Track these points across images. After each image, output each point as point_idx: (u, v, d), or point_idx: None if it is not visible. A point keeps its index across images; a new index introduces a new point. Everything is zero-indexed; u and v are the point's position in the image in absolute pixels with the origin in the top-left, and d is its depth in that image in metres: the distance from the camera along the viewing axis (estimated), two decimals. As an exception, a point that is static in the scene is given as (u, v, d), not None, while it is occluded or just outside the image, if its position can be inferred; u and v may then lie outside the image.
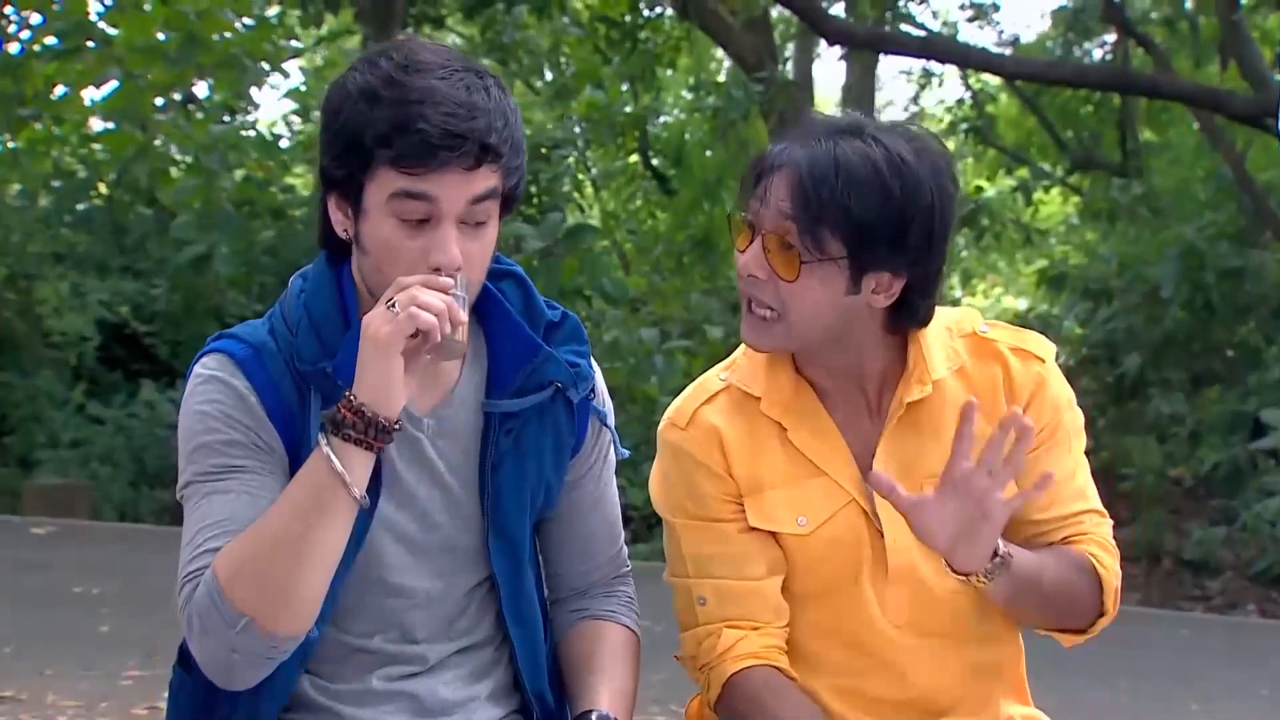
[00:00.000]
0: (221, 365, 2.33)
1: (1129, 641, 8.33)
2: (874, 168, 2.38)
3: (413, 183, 2.21)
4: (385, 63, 2.25)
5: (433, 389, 2.40)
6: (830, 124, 2.46)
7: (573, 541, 2.56)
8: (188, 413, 2.33)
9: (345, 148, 2.24)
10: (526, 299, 2.46)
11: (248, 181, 14.07)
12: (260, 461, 2.29)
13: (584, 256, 11.42)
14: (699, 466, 2.55)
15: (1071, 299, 15.44)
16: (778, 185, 2.41)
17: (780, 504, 2.52)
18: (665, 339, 12.28)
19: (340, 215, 2.31)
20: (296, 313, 2.35)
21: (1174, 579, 11.64)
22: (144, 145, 13.65)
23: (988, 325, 2.61)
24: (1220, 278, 13.53)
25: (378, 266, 2.27)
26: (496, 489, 2.41)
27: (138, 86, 13.25)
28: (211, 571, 2.18)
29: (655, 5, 16.64)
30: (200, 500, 2.28)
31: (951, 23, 20.86)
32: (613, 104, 14.82)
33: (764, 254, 2.42)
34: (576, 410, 2.47)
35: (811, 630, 2.57)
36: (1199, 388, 13.91)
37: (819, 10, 13.01)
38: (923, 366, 2.51)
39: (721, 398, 2.59)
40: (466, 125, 2.20)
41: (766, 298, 2.44)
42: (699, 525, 2.56)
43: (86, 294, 13.49)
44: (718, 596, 2.54)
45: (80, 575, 8.33)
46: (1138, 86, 14.28)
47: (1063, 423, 2.57)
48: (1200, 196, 16.09)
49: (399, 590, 2.39)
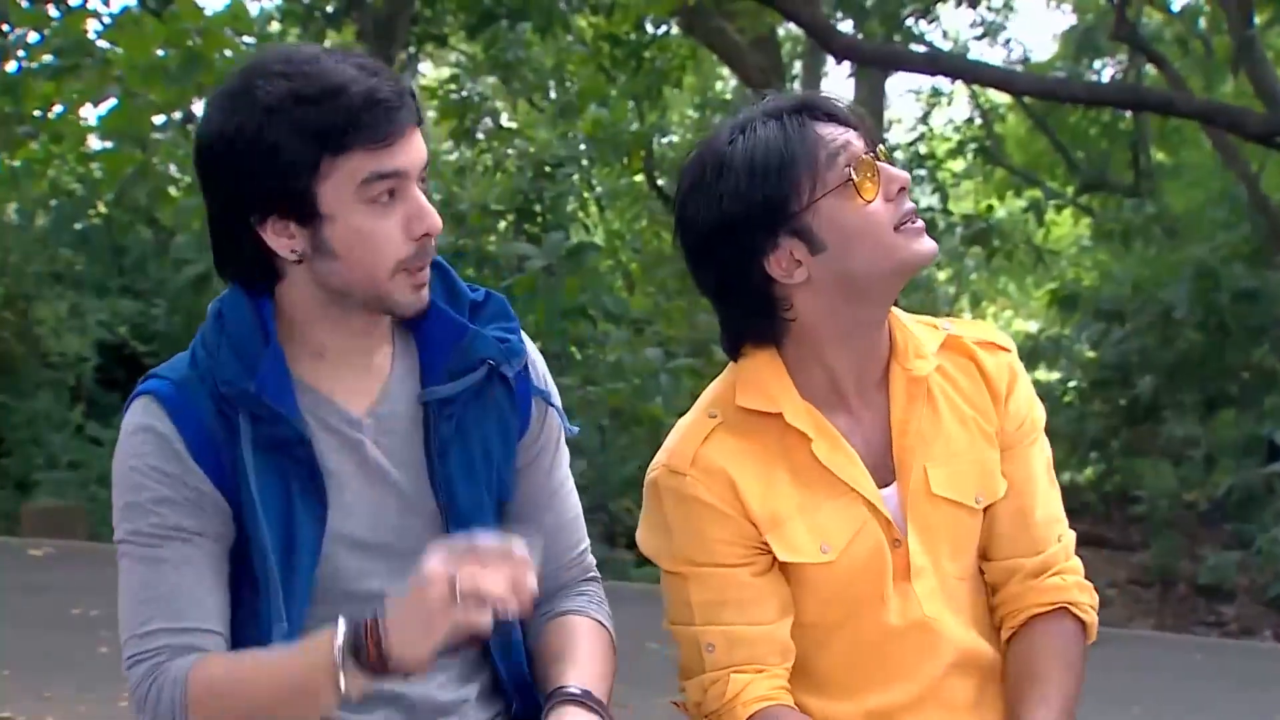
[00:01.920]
0: (146, 410, 2.34)
1: (1143, 666, 8.33)
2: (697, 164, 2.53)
3: (381, 160, 2.23)
4: (282, 67, 2.25)
5: (366, 388, 2.41)
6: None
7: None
8: (119, 468, 2.36)
9: (288, 161, 2.22)
10: (447, 284, 2.45)
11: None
12: (191, 519, 2.32)
13: (586, 275, 11.43)
14: (708, 511, 2.50)
15: (1084, 320, 15.44)
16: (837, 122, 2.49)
17: (802, 534, 2.50)
18: (670, 359, 12.27)
19: (282, 238, 2.28)
20: (214, 337, 2.35)
21: (1188, 604, 11.64)
22: (144, 164, 13.68)
23: (950, 323, 2.64)
24: (1234, 299, 13.53)
25: (355, 262, 2.28)
26: (447, 478, 2.41)
27: (137, 105, 13.27)
28: (183, 689, 2.26)
29: (661, 24, 16.68)
30: (137, 564, 2.33)
31: (961, 42, 20.95)
32: (618, 122, 14.84)
33: (890, 162, 2.48)
34: (516, 390, 2.46)
35: (833, 659, 2.57)
36: (1213, 410, 13.91)
37: (828, 26, 13.05)
38: (916, 341, 2.54)
39: (720, 433, 2.53)
40: (398, 85, 2.26)
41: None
42: (708, 573, 2.51)
43: (85, 314, 13.51)
44: (727, 642, 2.51)
45: (79, 597, 8.32)
46: (1151, 104, 14.29)
47: (1036, 418, 2.62)
48: (1214, 217, 16.10)
49: (366, 597, 2.36)
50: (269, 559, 2.32)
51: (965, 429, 2.56)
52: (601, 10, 15.08)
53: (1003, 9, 20.12)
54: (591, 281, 11.54)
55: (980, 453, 2.56)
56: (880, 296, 2.49)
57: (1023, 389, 2.61)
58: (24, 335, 13.74)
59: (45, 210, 14.63)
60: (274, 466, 2.32)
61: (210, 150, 2.28)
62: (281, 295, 2.35)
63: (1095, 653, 2.65)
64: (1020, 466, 2.59)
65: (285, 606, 2.32)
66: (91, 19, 13.89)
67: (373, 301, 2.33)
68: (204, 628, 2.32)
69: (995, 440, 2.57)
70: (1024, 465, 2.59)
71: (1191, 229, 16.09)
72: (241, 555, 2.37)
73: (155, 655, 2.30)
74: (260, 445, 2.31)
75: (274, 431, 2.31)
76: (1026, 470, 2.59)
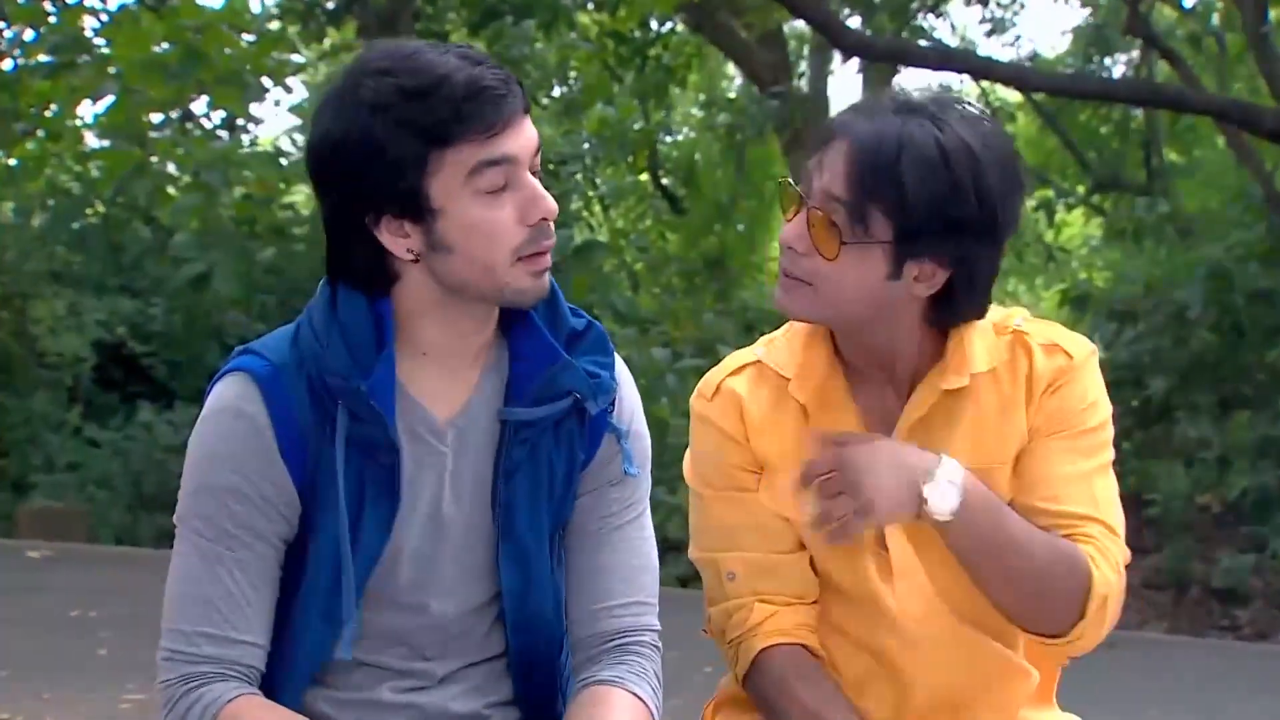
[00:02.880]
0: (242, 392, 2.30)
1: (1157, 670, 8.32)
2: (940, 151, 2.34)
3: (490, 148, 2.20)
4: (386, 63, 2.23)
5: (455, 395, 2.38)
6: (902, 100, 2.43)
7: (585, 575, 2.48)
8: (199, 442, 2.33)
9: (395, 160, 2.20)
10: (552, 305, 2.42)
11: (248, 199, 14.10)
12: (260, 519, 2.31)
13: (594, 275, 11.45)
14: (723, 436, 2.57)
15: (1096, 320, 15.41)
16: (833, 157, 2.39)
17: (787, 489, 2.50)
18: (677, 359, 12.28)
19: (398, 237, 2.25)
20: (325, 324, 2.30)
21: (1202, 608, 11.62)
22: (142, 162, 13.68)
23: (1024, 320, 2.58)
24: (1249, 299, 13.50)
25: (472, 255, 2.24)
26: (509, 500, 2.38)
27: (135, 102, 13.28)
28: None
29: (666, 21, 16.68)
30: (194, 554, 2.32)
31: (969, 40, 20.94)
32: (624, 120, 14.84)
33: (807, 228, 2.41)
34: (591, 423, 2.43)
35: (824, 628, 2.58)
36: (1227, 412, 13.86)
37: (837, 22, 13.04)
38: (961, 358, 2.49)
39: (750, 371, 2.60)
40: (504, 72, 2.23)
41: (800, 271, 2.42)
42: (727, 496, 2.57)
43: (83, 313, 13.52)
44: (747, 570, 2.55)
45: (78, 599, 8.34)
46: (1165, 100, 14.27)
47: (1080, 422, 2.52)
48: (1228, 216, 16.07)
49: (411, 609, 2.38)
50: (346, 560, 2.31)
51: (978, 442, 2.49)
52: (606, 7, 15.08)
53: (1011, 4, 20.11)
54: (600, 281, 11.56)
55: (990, 463, 2.48)
56: None
57: (1073, 391, 2.52)
58: (21, 335, 13.75)
59: (42, 208, 14.63)
60: (354, 465, 2.30)
61: (320, 154, 2.25)
62: (397, 297, 2.32)
63: (1108, 656, 2.61)
64: (1038, 460, 2.50)
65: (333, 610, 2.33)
66: (89, 15, 13.90)
67: (492, 294, 2.29)
68: (247, 640, 2.31)
69: (1014, 446, 2.51)
70: (1043, 458, 2.50)
71: (1205, 228, 16.06)
72: (294, 553, 2.36)
73: (193, 661, 2.30)
74: (349, 441, 2.29)
75: (368, 432, 2.29)
76: (1045, 463, 2.49)
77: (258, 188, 14.13)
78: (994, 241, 2.41)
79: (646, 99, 16.76)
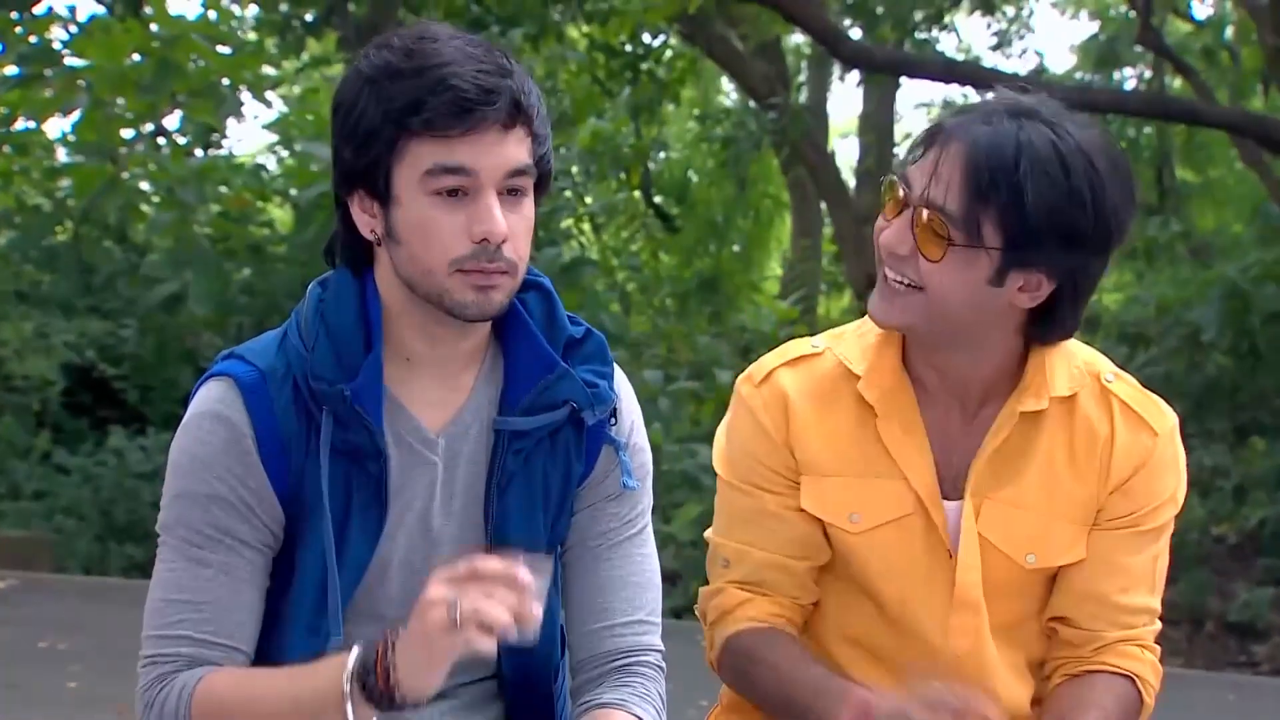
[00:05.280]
0: (223, 396, 2.32)
1: (1172, 707, 8.26)
2: (1060, 159, 2.33)
3: (448, 152, 2.21)
4: (397, 41, 2.26)
5: (446, 403, 2.38)
6: (1013, 104, 2.41)
7: (584, 593, 2.48)
8: (180, 452, 2.34)
9: (367, 133, 2.24)
10: (549, 313, 2.44)
11: (224, 216, 14.07)
12: (244, 524, 2.31)
13: (582, 293, 11.44)
14: (758, 429, 2.57)
15: (1106, 343, 15.41)
16: (949, 161, 2.36)
17: (836, 493, 2.51)
18: (671, 382, 12.25)
19: (366, 215, 2.30)
20: (314, 326, 2.33)
21: (1218, 643, 11.60)
22: (113, 178, 13.66)
23: (1113, 375, 2.58)
24: (1266, 321, 13.50)
25: (414, 253, 2.26)
26: (501, 513, 2.38)
27: (106, 115, 13.26)
28: (188, 703, 2.25)
29: (659, 34, 16.69)
30: (177, 560, 2.31)
31: (973, 56, 20.97)
32: (617, 135, 14.85)
33: (911, 229, 2.39)
34: (588, 434, 2.43)
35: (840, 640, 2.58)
36: (1244, 439, 13.87)
37: (837, 31, 13.04)
38: (1041, 380, 2.49)
39: (808, 365, 2.58)
40: (497, 81, 2.22)
41: (909, 275, 2.41)
42: (740, 487, 2.58)
43: (51, 335, 13.45)
44: (740, 560, 2.57)
45: (45, 631, 8.30)
46: (1178, 113, 14.27)
47: (1160, 515, 2.54)
48: (1244, 235, 16.08)
49: (400, 623, 2.35)
50: (332, 571, 2.31)
51: (1047, 483, 2.50)
52: (596, 17, 15.09)
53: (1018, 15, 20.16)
54: (587, 299, 11.55)
55: (1051, 512, 2.50)
56: None
57: (1154, 479, 2.53)
58: (-14, 357, 13.70)
59: (9, 226, 14.60)
60: (341, 473, 2.31)
61: (333, 105, 2.32)
62: (377, 281, 2.35)
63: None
64: (1113, 548, 2.52)
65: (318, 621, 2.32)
66: (56, 25, 13.87)
67: (434, 298, 2.30)
68: (230, 644, 2.31)
69: (1082, 510, 2.51)
70: (1119, 547, 2.52)
71: (1220, 248, 16.06)
72: (281, 564, 2.36)
73: (172, 661, 2.28)
74: (335, 449, 2.30)
75: (354, 439, 2.30)
76: (1120, 553, 2.52)
77: (234, 204, 14.10)
78: (1105, 254, 2.41)
79: (639, 113, 16.76)
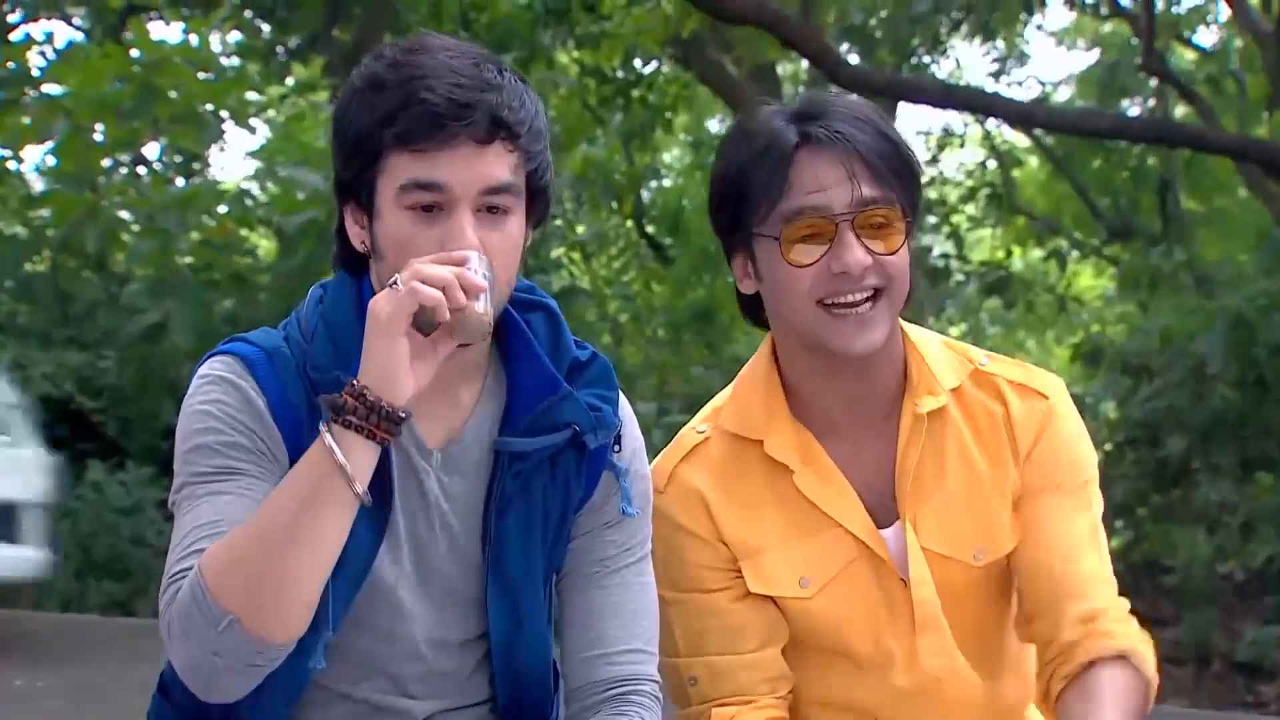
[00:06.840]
0: (229, 367, 2.34)
1: (1179, 746, 8.30)
2: (881, 117, 2.44)
3: (421, 168, 2.23)
4: (389, 51, 2.29)
5: (447, 420, 2.40)
6: (796, 102, 2.49)
7: (579, 620, 2.48)
8: (188, 413, 2.33)
9: (354, 143, 2.27)
10: (555, 334, 2.46)
11: (206, 245, 14.07)
12: (261, 467, 2.30)
13: (573, 322, 11.47)
14: (682, 533, 2.54)
15: (1109, 376, 15.43)
16: (837, 163, 2.40)
17: (779, 565, 2.50)
18: (664, 414, 12.27)
19: (357, 226, 2.34)
20: (313, 321, 2.37)
21: (1225, 683, 11.60)
22: (93, 205, 13.66)
23: (988, 358, 2.60)
24: (1272, 353, 13.51)
25: (393, 267, 2.26)
26: (500, 535, 2.39)
27: (86, 143, 13.27)
28: (197, 567, 2.17)
29: (651, 60, 16.73)
30: (194, 503, 2.28)
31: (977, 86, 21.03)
32: (609, 161, 14.88)
33: (857, 238, 2.40)
34: (589, 460, 2.43)
35: (819, 707, 2.55)
36: (1250, 473, 13.87)
37: (832, 55, 13.06)
38: (929, 375, 2.51)
39: (703, 451, 2.57)
40: (474, 96, 2.23)
41: (866, 284, 2.42)
42: (687, 598, 2.54)
43: (28, 367, 13.44)
44: (710, 674, 2.53)
45: (22, 669, 8.30)
46: (1182, 139, 14.29)
47: (1076, 474, 2.55)
48: (1250, 264, 16.11)
49: (390, 637, 2.38)
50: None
51: (970, 477, 2.52)
52: (588, 41, 15.13)
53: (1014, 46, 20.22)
54: (578, 329, 11.58)
55: (983, 504, 2.52)
56: (815, 355, 2.47)
57: (1059, 438, 2.55)
58: (-39, 389, 13.67)
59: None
60: None
61: (333, 113, 2.37)
62: (373, 287, 2.36)
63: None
64: (1045, 519, 2.51)
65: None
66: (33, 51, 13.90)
67: None
68: None
69: (1008, 493, 2.53)
70: (1050, 518, 2.51)
71: (1226, 278, 16.09)
72: None
73: (184, 574, 2.22)
74: None
75: None
76: (1053, 524, 2.51)
77: (217, 233, 14.10)
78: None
79: (631, 140, 16.80)
